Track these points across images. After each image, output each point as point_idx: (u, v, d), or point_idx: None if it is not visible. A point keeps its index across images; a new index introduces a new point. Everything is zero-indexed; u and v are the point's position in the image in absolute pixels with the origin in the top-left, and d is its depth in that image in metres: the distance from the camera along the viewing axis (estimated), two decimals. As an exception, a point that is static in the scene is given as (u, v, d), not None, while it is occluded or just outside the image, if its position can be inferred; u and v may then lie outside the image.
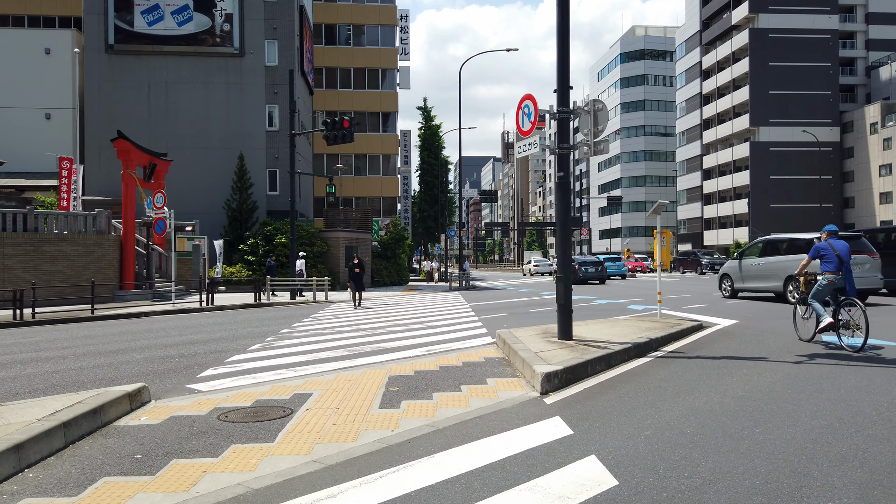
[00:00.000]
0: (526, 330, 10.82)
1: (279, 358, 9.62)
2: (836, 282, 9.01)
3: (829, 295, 9.11)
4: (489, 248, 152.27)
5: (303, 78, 37.82)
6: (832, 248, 9.07)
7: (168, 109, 32.83)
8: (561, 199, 9.39)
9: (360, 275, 19.88)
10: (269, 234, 29.49)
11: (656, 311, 14.69)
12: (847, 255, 9.04)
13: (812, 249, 9.32)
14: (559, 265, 9.41)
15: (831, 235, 9.30)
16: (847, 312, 8.84)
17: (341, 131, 21.11)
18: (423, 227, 56.58)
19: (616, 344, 8.96)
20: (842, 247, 9.07)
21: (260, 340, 11.77)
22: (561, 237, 9.40)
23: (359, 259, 20.11)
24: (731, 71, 72.66)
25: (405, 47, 56.12)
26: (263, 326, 14.34)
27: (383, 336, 12.06)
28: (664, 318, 12.31)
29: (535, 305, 19.00)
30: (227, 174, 31.99)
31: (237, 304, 20.63)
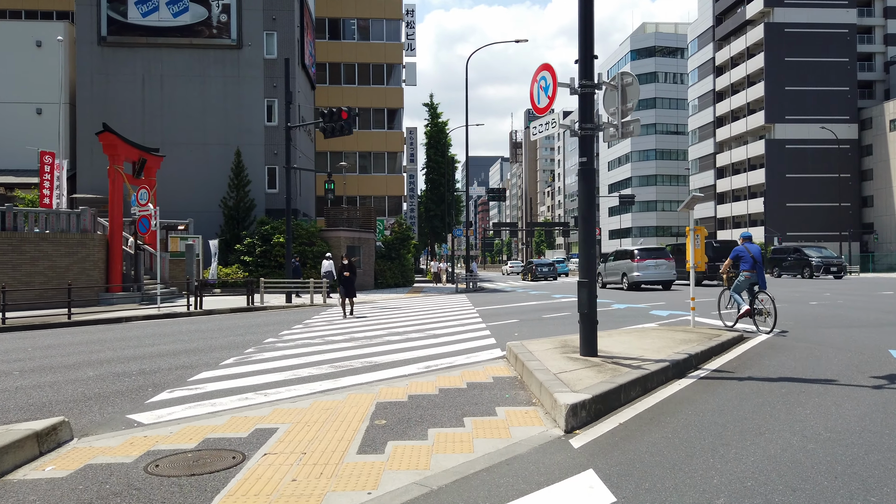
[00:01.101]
0: (541, 342, 9.37)
1: (252, 376, 8.21)
2: (751, 277, 11.19)
3: (746, 288, 11.24)
4: (497, 249, 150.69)
5: (304, 71, 36.48)
6: (748, 251, 11.29)
7: (163, 104, 31.55)
8: (584, 189, 7.93)
9: (350, 279, 17.10)
10: (267, 233, 28.13)
11: (683, 318, 13.21)
12: (759, 256, 11.24)
13: (732, 252, 11.55)
14: (582, 267, 7.96)
15: (746, 241, 11.49)
16: (760, 302, 11.11)
17: (339, 123, 19.72)
18: (430, 227, 55.18)
19: (650, 362, 7.50)
20: (755, 250, 11.31)
21: (238, 352, 10.37)
22: (584, 234, 7.94)
23: (349, 259, 17.47)
24: (745, 67, 70.89)
25: (411, 43, 54.84)
26: (248, 335, 12.95)
27: (378, 348, 10.63)
28: (699, 328, 10.81)
29: (547, 311, 17.53)
30: (225, 171, 30.69)
31: (228, 308, 19.27)
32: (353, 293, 17.18)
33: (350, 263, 17.33)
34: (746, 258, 11.24)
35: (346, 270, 17.10)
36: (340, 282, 17.09)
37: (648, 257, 26.24)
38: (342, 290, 17.01)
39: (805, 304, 17.14)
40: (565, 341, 9.39)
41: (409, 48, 54.25)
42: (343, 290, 17.00)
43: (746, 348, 9.40)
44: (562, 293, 25.41)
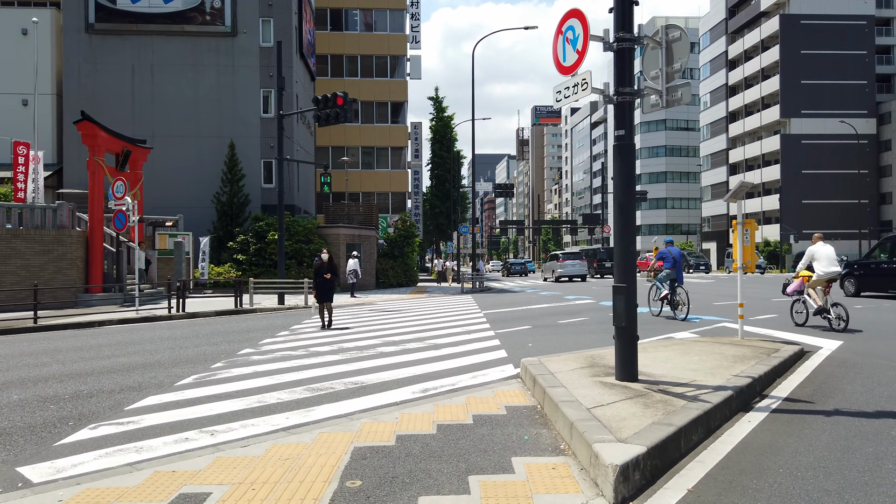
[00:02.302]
0: (563, 359, 7.74)
1: (207, 403, 6.63)
2: (671, 274, 13.84)
3: (667, 282, 13.93)
4: (503, 247, 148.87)
5: (302, 61, 34.89)
6: (670, 254, 14.06)
7: (154, 94, 30.02)
8: (621, 169, 6.30)
9: (330, 282, 13.87)
10: (261, 230, 26.57)
11: (712, 323, 11.57)
12: (680, 257, 14.01)
13: (658, 254, 14.38)
14: (619, 266, 6.33)
15: (669, 245, 14.31)
16: (678, 294, 13.68)
17: (334, 109, 18.12)
18: (435, 225, 53.57)
19: (708, 390, 5.87)
20: (676, 252, 14.08)
21: (202, 368, 8.79)
22: (621, 225, 6.31)
23: (329, 257, 14.27)
24: (759, 60, 68.90)
25: (416, 35, 53.11)
26: (223, 344, 11.37)
27: (368, 362, 9.02)
28: (749, 340, 9.16)
29: (561, 314, 15.89)
30: (218, 165, 29.14)
31: (213, 311, 17.71)
32: (331, 298, 13.88)
33: (331, 262, 14.21)
34: (668, 259, 14.18)
35: (326, 271, 13.91)
36: (317, 285, 13.87)
37: (568, 259, 38.11)
38: (320, 296, 13.81)
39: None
40: (593, 358, 7.76)
41: (413, 41, 52.52)
42: (320, 295, 13.83)
43: (813, 367, 7.75)
44: (574, 294, 23.77)
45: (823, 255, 11.19)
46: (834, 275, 11.10)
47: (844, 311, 11.06)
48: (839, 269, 11.27)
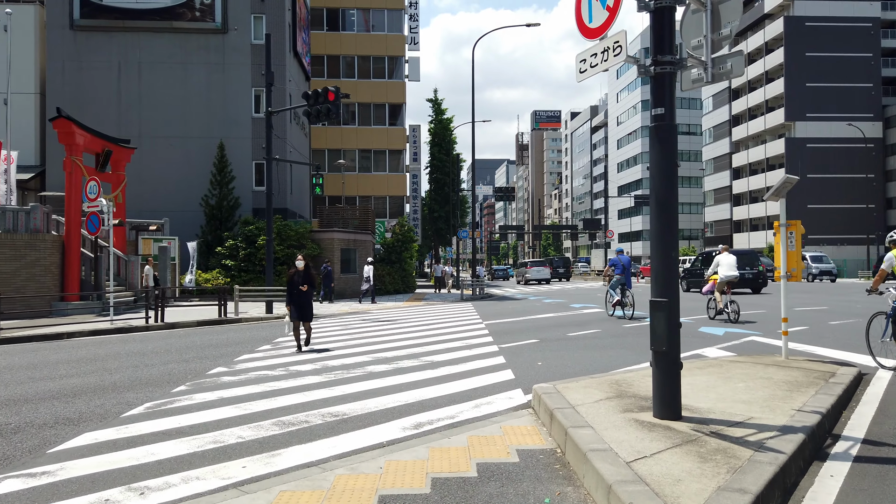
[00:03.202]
0: (583, 385, 6.53)
1: (151, 444, 5.42)
2: (621, 279, 15.96)
3: (618, 286, 15.97)
4: (503, 252, 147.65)
5: (296, 59, 33.75)
6: (620, 262, 16.11)
7: (141, 93, 28.85)
8: (660, 157, 5.11)
9: (307, 295, 11.19)
10: (251, 234, 25.36)
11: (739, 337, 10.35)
12: (629, 264, 16.24)
13: (610, 262, 16.69)
14: (657, 276, 5.11)
15: (619, 254, 16.58)
16: (626, 297, 15.82)
17: (325, 105, 16.96)
18: (434, 229, 52.35)
19: (771, 431, 4.67)
20: (626, 260, 16.23)
21: (161, 393, 7.58)
22: (660, 225, 5.11)
23: (306, 264, 11.50)
24: (763, 62, 67.88)
25: (414, 36, 52.00)
26: (194, 361, 10.15)
27: (354, 386, 7.80)
28: (795, 360, 7.95)
29: (569, 326, 14.68)
30: (208, 166, 27.94)
31: (194, 321, 16.49)
32: (311, 315, 11.31)
33: (308, 271, 11.38)
34: (618, 266, 16.19)
35: (302, 281, 11.16)
36: (291, 299, 11.14)
37: (534, 266, 47.01)
38: (293, 311, 11.11)
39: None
40: (618, 385, 6.55)
41: (412, 42, 51.40)
42: (295, 310, 11.10)
43: (880, 394, 6.54)
44: (580, 303, 22.57)
45: (725, 263, 13.97)
46: (732, 278, 13.87)
47: (737, 306, 14.22)
48: (737, 273, 13.99)
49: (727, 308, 13.96)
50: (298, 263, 11.44)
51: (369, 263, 25.68)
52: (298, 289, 11.13)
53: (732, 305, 13.99)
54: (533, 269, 45.88)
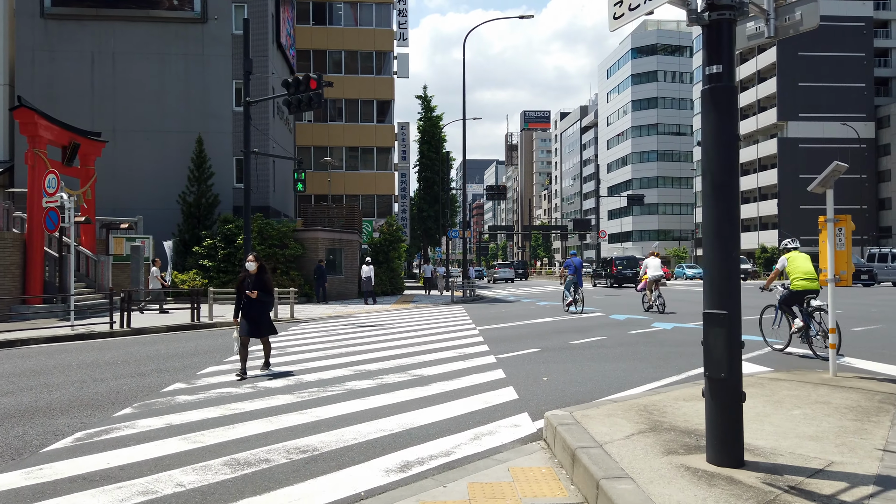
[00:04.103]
0: (606, 413, 5.39)
1: (61, 496, 4.22)
2: (573, 279, 18.46)
3: (571, 286, 18.40)
4: (492, 253, 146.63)
5: (280, 52, 32.47)
6: (573, 263, 18.62)
7: (115, 85, 27.45)
8: (717, 128, 3.99)
9: (261, 304, 8.84)
10: (230, 233, 24.06)
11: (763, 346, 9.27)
12: (580, 265, 18.85)
13: (565, 264, 19.63)
14: (714, 282, 3.98)
15: (573, 256, 19.03)
16: (580, 295, 18.41)
17: (307, 93, 15.78)
18: (423, 229, 51.20)
19: (866, 484, 3.56)
20: (577, 261, 18.75)
21: (101, 418, 6.38)
22: (718, 214, 3.99)
23: (259, 265, 8.94)
24: (755, 62, 67.27)
25: (403, 32, 50.79)
26: (152, 374, 8.93)
27: (330, 408, 6.63)
28: (844, 376, 6.86)
29: (570, 332, 13.58)
30: (186, 162, 26.59)
31: (164, 326, 15.24)
32: (269, 329, 8.91)
33: (262, 274, 8.84)
34: (571, 267, 18.53)
35: (253, 286, 8.70)
36: (242, 310, 8.71)
37: (501, 268, 57.48)
38: (244, 326, 8.66)
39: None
40: (648, 412, 5.42)
41: (401, 38, 50.19)
42: (245, 324, 8.67)
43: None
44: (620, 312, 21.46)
45: (652, 266, 17.60)
46: (658, 277, 17.54)
47: (663, 300, 17.63)
48: (661, 273, 17.70)
49: (655, 302, 17.44)
50: (249, 265, 8.86)
51: (368, 264, 25.10)
52: (247, 295, 8.66)
53: (659, 300, 17.45)
54: (500, 270, 57.54)
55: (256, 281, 8.77)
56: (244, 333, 8.67)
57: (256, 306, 8.75)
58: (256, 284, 8.73)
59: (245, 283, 8.78)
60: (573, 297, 18.25)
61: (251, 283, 8.73)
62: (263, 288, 8.79)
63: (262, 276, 8.86)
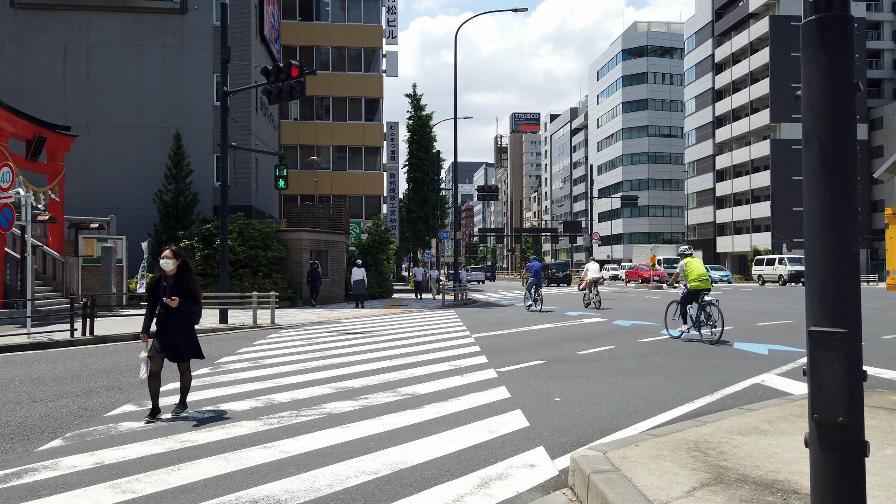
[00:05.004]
0: (650, 454, 4.25)
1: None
2: (534, 281, 20.34)
3: (532, 287, 20.34)
4: (481, 255, 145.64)
5: (263, 45, 31.24)
6: (533, 267, 20.60)
7: (89, 78, 26.13)
8: (826, 74, 2.86)
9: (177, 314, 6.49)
10: (209, 233, 22.78)
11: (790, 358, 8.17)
12: (540, 269, 20.71)
13: (526, 267, 21.27)
14: (824, 290, 2.85)
15: (534, 261, 20.98)
16: (539, 295, 20.24)
17: (287, 82, 14.62)
18: (412, 231, 50.04)
19: None
20: (538, 265, 20.66)
21: (19, 453, 5.18)
22: (826, 200, 2.86)
23: (182, 262, 6.65)
24: (748, 63, 66.71)
25: (392, 30, 49.67)
26: (99, 393, 7.71)
27: (301, 442, 5.46)
28: None
29: (575, 340, 12.48)
30: (163, 159, 25.30)
31: (131, 334, 13.96)
32: (192, 352, 6.65)
33: (183, 274, 6.63)
34: (532, 270, 20.50)
35: (172, 291, 6.49)
36: (158, 329, 6.54)
37: (474, 271, 59.35)
38: (154, 344, 6.47)
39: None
40: (701, 451, 4.29)
41: (390, 35, 49.07)
42: (158, 342, 6.46)
43: None
44: (576, 310, 20.42)
45: (591, 269, 21.14)
46: (597, 278, 20.99)
47: (600, 298, 20.93)
48: (600, 275, 21.20)
49: (593, 299, 20.81)
50: (165, 262, 6.52)
51: (359, 266, 24.59)
52: (163, 304, 6.43)
53: (596, 297, 20.87)
54: (472, 273, 59.08)
55: (176, 284, 6.54)
56: (156, 353, 6.41)
57: (176, 319, 6.51)
58: (176, 289, 6.52)
59: (160, 286, 6.58)
60: (533, 298, 20.17)
61: (168, 286, 6.53)
62: (186, 293, 6.55)
63: (184, 278, 6.62)
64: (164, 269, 6.58)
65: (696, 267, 11.52)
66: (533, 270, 20.52)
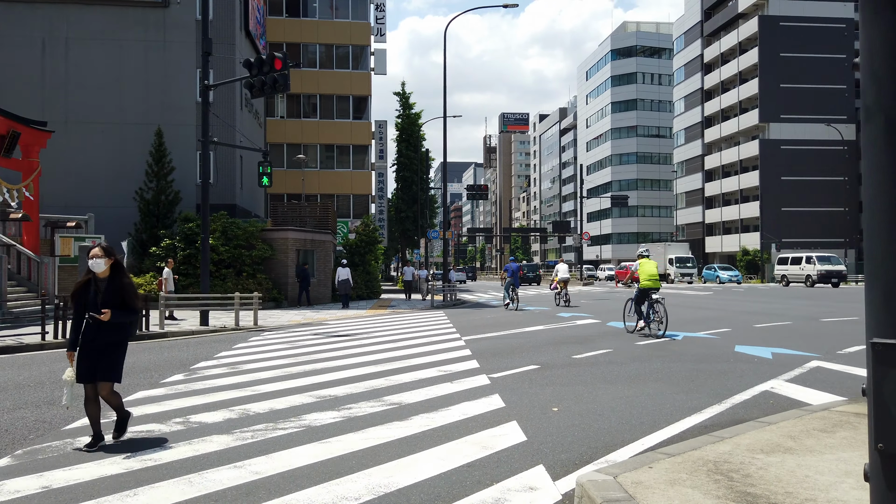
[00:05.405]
0: (666, 478, 3.78)
1: None
2: (511, 281, 21.48)
3: (510, 287, 21.40)
4: (470, 255, 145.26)
5: (248, 40, 30.63)
6: (511, 268, 21.82)
7: (68, 73, 25.41)
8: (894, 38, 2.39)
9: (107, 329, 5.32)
10: (191, 232, 22.16)
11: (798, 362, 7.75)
12: (517, 270, 21.99)
13: (504, 268, 22.75)
14: (890, 300, 2.38)
15: (512, 262, 22.38)
16: (515, 294, 21.22)
17: (271, 75, 14.08)
18: (401, 230, 49.52)
19: None
20: (515, 266, 21.88)
21: (-43, 476, 4.64)
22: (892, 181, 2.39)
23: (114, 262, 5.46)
24: (737, 63, 66.67)
25: (381, 27, 49.09)
26: (59, 404, 7.14)
27: (275, 461, 4.95)
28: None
29: (570, 343, 12.04)
30: (145, 156, 24.60)
31: (106, 337, 13.38)
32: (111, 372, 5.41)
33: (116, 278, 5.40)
34: (509, 270, 21.79)
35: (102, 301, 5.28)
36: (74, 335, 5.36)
37: (456, 271, 51.15)
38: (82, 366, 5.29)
39: None
40: (723, 472, 3.83)
41: (378, 33, 48.52)
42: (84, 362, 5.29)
43: None
44: (569, 312, 19.99)
45: (561, 270, 22.68)
46: (566, 278, 22.29)
47: (568, 296, 22.33)
48: (568, 276, 22.59)
49: (563, 297, 22.13)
50: (95, 263, 5.33)
51: (344, 266, 24.31)
52: (91, 316, 5.26)
53: (566, 296, 22.22)
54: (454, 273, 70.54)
55: (109, 290, 5.31)
56: (84, 376, 5.30)
57: (106, 333, 5.30)
58: (109, 295, 5.28)
59: (88, 292, 5.32)
60: (510, 297, 21.28)
61: (100, 292, 5.29)
62: (121, 302, 5.32)
63: (119, 282, 5.38)
64: (93, 271, 5.34)
65: (648, 268, 12.48)
66: (510, 271, 21.84)
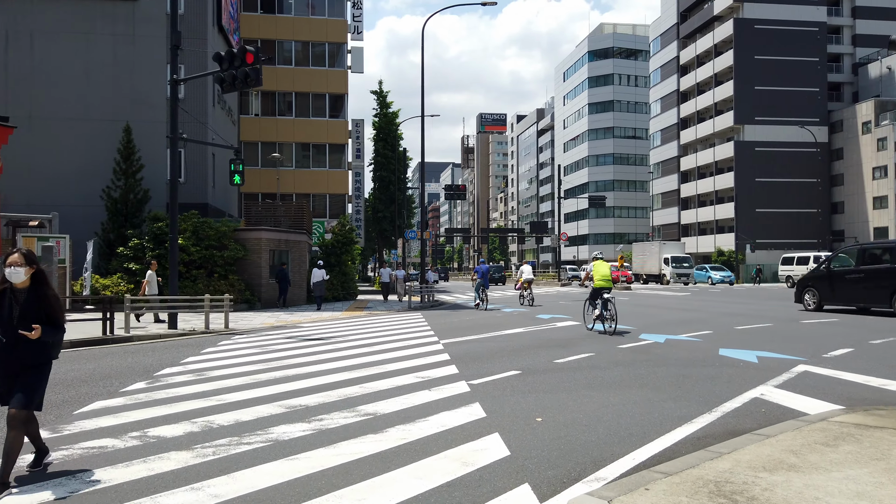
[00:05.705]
0: (667, 503, 3.44)
1: None
2: (482, 282, 22.22)
3: (480, 288, 22.04)
4: (448, 256, 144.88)
5: (221, 35, 29.91)
6: (481, 269, 23.05)
7: (33, 67, 24.51)
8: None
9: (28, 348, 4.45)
10: (160, 232, 21.49)
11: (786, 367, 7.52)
12: (487, 271, 23.43)
13: (476, 269, 24.19)
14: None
15: (482, 264, 25.14)
16: (485, 295, 22.09)
17: (242, 69, 13.58)
18: (378, 231, 49.04)
19: None
20: (485, 268, 23.36)
21: None
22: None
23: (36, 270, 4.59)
24: (712, 65, 67.27)
25: (358, 25, 48.51)
26: (10, 415, 6.65)
27: (233, 483, 4.52)
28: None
29: (550, 347, 11.73)
30: (112, 153, 23.84)
31: (68, 342, 12.77)
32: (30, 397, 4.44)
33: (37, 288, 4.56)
34: (479, 272, 22.92)
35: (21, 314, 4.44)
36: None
37: (436, 273, 49.55)
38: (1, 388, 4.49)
39: None
40: (725, 494, 3.51)
41: (355, 31, 47.91)
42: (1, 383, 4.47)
43: None
44: (547, 313, 19.75)
45: (525, 271, 23.94)
46: (530, 279, 23.58)
47: (532, 296, 23.47)
48: (532, 277, 23.92)
49: (528, 298, 23.09)
50: (13, 272, 4.47)
51: (319, 267, 24.26)
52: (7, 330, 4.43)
53: (530, 296, 23.25)
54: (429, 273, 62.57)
55: (30, 302, 4.51)
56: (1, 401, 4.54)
57: (25, 354, 4.48)
58: (30, 308, 4.49)
59: (3, 304, 4.47)
60: (480, 298, 21.96)
61: (18, 305, 4.47)
62: (46, 317, 4.54)
63: (41, 293, 4.58)
64: (10, 281, 4.49)
65: (600, 269, 13.27)
66: (480, 272, 22.90)
